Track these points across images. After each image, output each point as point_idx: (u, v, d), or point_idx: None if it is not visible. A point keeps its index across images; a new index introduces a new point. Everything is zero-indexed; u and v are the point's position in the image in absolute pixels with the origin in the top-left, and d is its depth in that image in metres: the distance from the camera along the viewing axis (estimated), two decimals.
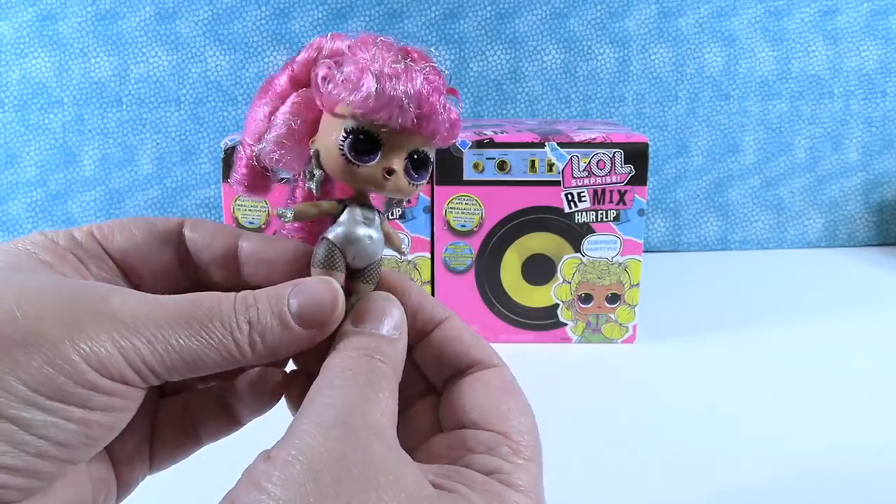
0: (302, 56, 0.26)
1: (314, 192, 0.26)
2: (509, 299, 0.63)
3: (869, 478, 0.44)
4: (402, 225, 0.61)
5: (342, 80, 0.24)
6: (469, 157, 0.59)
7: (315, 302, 0.24)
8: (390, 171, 0.25)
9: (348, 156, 0.24)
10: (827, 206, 0.92)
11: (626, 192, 0.60)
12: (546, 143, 0.59)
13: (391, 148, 0.25)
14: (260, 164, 0.27)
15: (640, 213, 0.60)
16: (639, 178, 0.60)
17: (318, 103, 0.25)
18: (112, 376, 0.21)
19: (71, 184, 0.86)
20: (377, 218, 0.26)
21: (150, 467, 0.27)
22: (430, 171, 0.26)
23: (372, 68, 0.24)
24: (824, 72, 0.88)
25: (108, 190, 0.87)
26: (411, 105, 0.24)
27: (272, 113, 0.26)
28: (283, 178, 0.28)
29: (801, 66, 0.88)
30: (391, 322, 0.25)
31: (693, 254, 0.91)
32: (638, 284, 0.62)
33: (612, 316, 0.63)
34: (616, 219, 0.60)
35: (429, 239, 0.62)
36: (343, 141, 0.24)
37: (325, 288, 0.24)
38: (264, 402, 0.28)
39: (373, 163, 0.24)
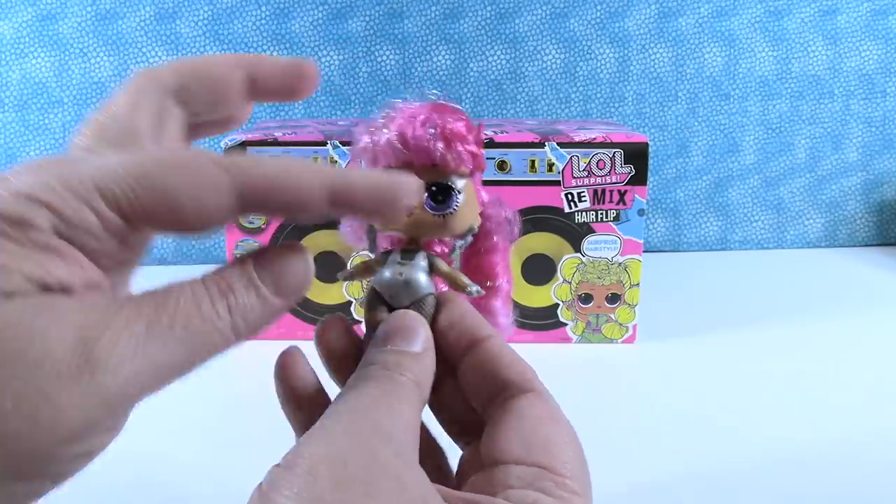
0: None
1: (369, 251, 0.29)
2: None
3: (869, 477, 0.44)
4: None
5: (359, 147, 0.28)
6: None
7: (293, 279, 0.22)
8: None
9: None
10: (827, 206, 0.92)
11: (626, 192, 0.60)
12: (546, 143, 0.59)
13: None
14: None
15: (640, 213, 0.60)
16: (639, 178, 0.60)
17: None
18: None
19: None
20: (420, 259, 0.27)
21: None
22: (452, 199, 0.27)
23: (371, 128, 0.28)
24: (824, 72, 0.88)
25: None
26: (395, 141, 0.26)
27: None
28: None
29: (801, 66, 0.88)
30: (415, 338, 0.25)
31: (693, 254, 0.91)
32: (638, 284, 0.62)
33: (612, 316, 0.63)
34: (616, 219, 0.60)
35: None
36: None
37: (298, 264, 0.22)
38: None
39: None
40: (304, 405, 0.25)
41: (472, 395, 0.26)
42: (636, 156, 0.59)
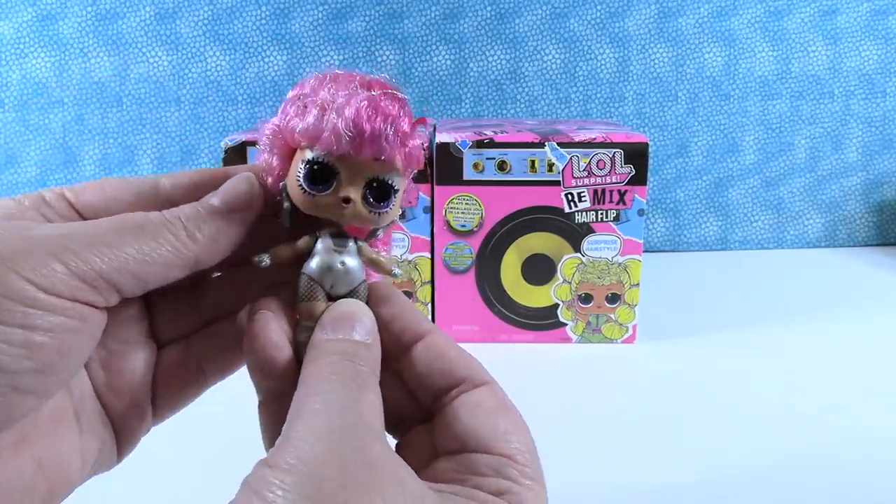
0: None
1: (285, 224, 0.26)
2: (509, 299, 0.63)
3: (869, 477, 0.44)
4: (402, 225, 0.61)
5: (295, 114, 0.26)
6: (469, 157, 0.59)
7: (232, 189, 0.25)
8: (347, 200, 0.25)
9: (305, 187, 0.25)
10: (827, 206, 0.92)
11: (626, 192, 0.60)
12: (546, 143, 0.59)
13: (347, 176, 0.25)
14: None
15: (640, 213, 0.60)
16: (639, 178, 0.60)
17: (289, 141, 0.26)
18: (57, 292, 0.21)
19: (71, 184, 0.86)
20: (352, 245, 0.27)
21: (155, 418, 0.28)
22: (393, 198, 0.26)
23: (319, 99, 0.25)
24: (824, 72, 0.88)
25: None
26: (348, 130, 0.24)
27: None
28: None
29: (801, 66, 0.88)
30: (363, 327, 0.25)
31: (693, 254, 0.91)
32: (638, 284, 0.62)
33: (611, 316, 0.63)
34: (616, 219, 0.60)
35: (429, 239, 0.62)
36: (300, 172, 0.25)
37: (238, 179, 0.26)
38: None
39: (327, 192, 0.25)
40: (275, 373, 0.25)
41: (421, 389, 0.27)
42: (636, 156, 0.59)
